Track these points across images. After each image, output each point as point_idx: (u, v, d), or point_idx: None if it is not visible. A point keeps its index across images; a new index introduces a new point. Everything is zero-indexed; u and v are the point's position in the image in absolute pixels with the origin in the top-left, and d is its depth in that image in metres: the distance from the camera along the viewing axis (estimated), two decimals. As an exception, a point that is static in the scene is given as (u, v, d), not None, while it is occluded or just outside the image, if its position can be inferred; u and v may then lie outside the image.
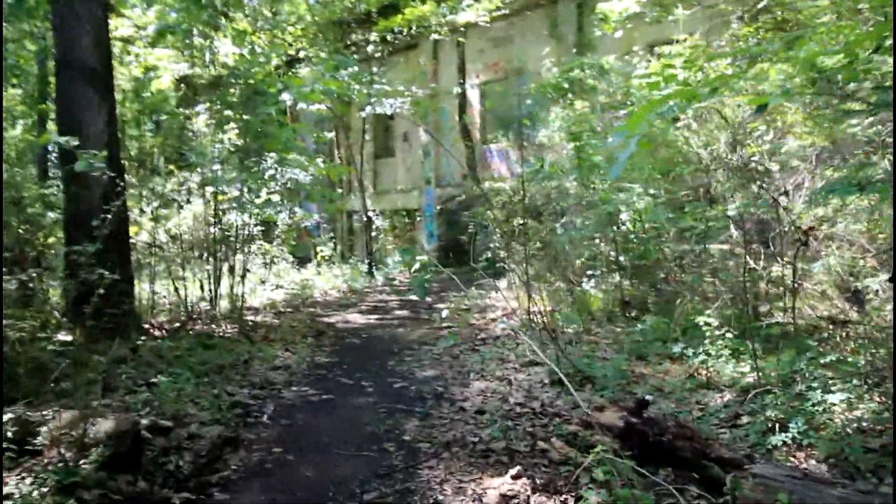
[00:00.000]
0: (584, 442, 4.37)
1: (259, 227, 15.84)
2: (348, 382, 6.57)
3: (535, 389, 5.90)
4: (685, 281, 8.40)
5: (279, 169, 10.19)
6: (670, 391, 5.60)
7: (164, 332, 8.03)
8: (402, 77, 18.19)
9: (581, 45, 16.14)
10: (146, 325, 8.01)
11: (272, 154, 10.02)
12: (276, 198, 11.08)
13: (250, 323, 9.23)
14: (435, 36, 17.46)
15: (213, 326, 8.61)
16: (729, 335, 5.95)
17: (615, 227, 9.15)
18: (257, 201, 10.29)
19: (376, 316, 11.29)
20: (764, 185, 6.62)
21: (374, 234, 19.74)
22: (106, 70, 7.84)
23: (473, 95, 18.56)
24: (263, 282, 10.24)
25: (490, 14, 15.89)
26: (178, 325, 8.43)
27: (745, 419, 4.80)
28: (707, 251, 7.73)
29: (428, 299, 13.61)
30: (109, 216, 5.58)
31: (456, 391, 6.05)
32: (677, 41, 9.03)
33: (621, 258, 9.40)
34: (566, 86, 13.42)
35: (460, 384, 6.31)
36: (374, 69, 17.79)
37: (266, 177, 10.07)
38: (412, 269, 4.52)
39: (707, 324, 5.95)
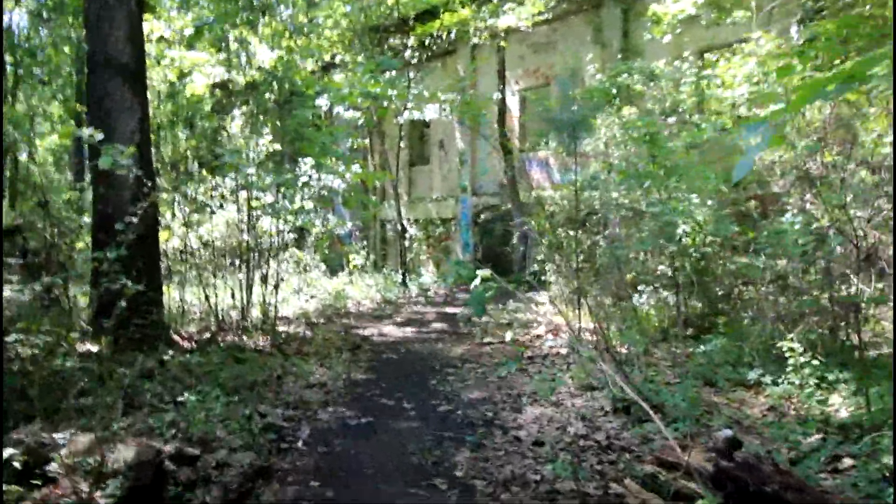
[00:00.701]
0: (666, 486, 3.80)
1: (292, 235, 15.54)
2: (388, 403, 6.06)
3: (596, 418, 5.33)
4: (753, 299, 7.77)
5: (315, 174, 9.79)
6: (750, 425, 4.99)
7: (193, 343, 7.62)
8: (439, 83, 17.78)
9: (626, 51, 15.56)
10: (175, 336, 7.61)
11: (308, 159, 9.64)
12: (309, 204, 10.71)
13: (283, 335, 8.79)
14: (475, 40, 17.01)
15: (245, 338, 8.18)
16: (815, 362, 5.32)
17: (673, 240, 8.53)
18: (291, 207, 9.90)
19: (412, 329, 10.79)
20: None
21: (407, 243, 19.28)
22: (139, 67, 7.50)
23: (513, 102, 18.05)
24: (298, 291, 9.83)
25: (532, 18, 15.37)
26: (208, 335, 8.02)
27: (846, 461, 4.18)
28: (775, 266, 7.08)
29: (466, 311, 13.11)
30: (135, 219, 5.15)
31: (508, 417, 5.50)
32: (743, 41, 8.41)
33: (678, 273, 8.78)
34: (614, 91, 12.88)
35: (511, 409, 5.75)
36: (411, 75, 17.39)
37: (301, 183, 9.67)
38: (472, 285, 4.01)
39: (791, 349, 5.32)
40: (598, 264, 10.54)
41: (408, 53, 16.88)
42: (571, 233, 9.78)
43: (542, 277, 13.62)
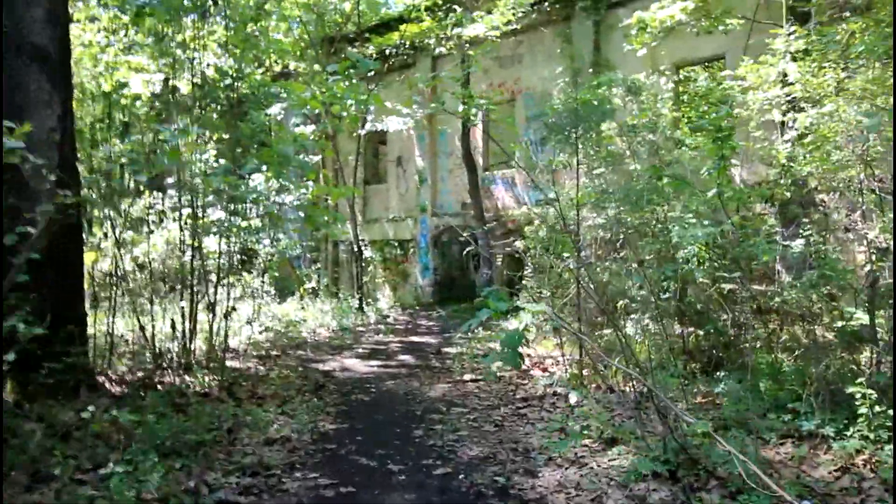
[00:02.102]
0: None
1: (238, 257, 14.18)
2: (370, 465, 4.90)
3: (635, 485, 4.30)
4: (774, 331, 6.94)
5: (268, 188, 8.60)
6: (826, 492, 4.06)
7: (124, 387, 6.31)
8: (397, 97, 16.79)
9: (598, 65, 14.90)
10: (101, 379, 6.28)
11: (259, 175, 8.45)
12: (256, 222, 9.47)
13: (233, 373, 7.52)
14: (439, 50, 16.13)
15: (188, 378, 6.89)
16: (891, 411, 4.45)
17: (676, 263, 7.66)
18: (242, 225, 8.69)
19: (379, 362, 9.62)
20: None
21: (363, 266, 18.09)
22: (62, 55, 6.24)
23: (476, 118, 17.17)
24: (250, 322, 8.59)
25: (500, 28, 14.55)
26: (142, 376, 6.71)
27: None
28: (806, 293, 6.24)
29: (432, 340, 12.02)
30: (35, 232, 3.93)
31: (524, 484, 4.43)
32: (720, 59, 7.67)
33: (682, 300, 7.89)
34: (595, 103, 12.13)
35: (525, 471, 4.68)
36: (371, 87, 16.34)
37: (254, 197, 8.46)
38: (507, 333, 3.01)
39: (864, 395, 4.44)
40: (571, 290, 9.64)
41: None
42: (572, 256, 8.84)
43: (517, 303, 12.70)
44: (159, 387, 6.43)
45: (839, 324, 5.82)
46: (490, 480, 4.50)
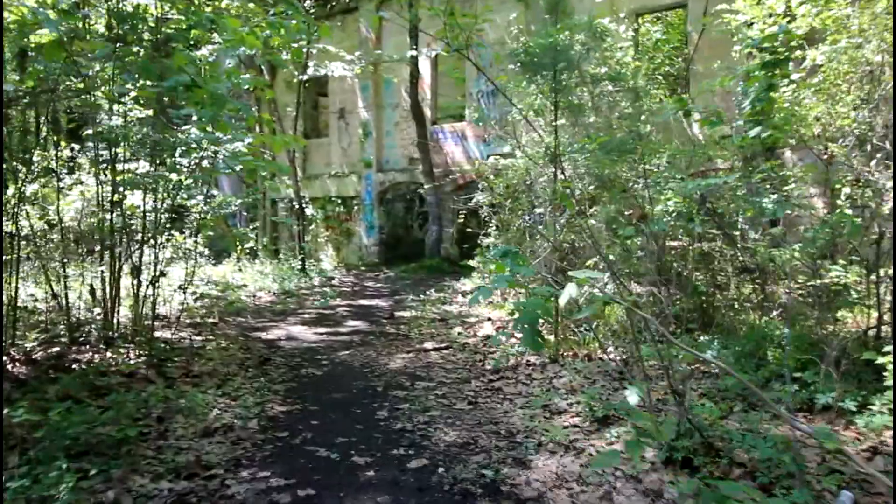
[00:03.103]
0: None
1: (168, 215, 13.02)
2: (330, 458, 4.16)
3: (645, 475, 3.71)
4: (761, 293, 6.48)
5: (202, 136, 7.57)
6: (863, 479, 3.55)
7: (32, 367, 5.35)
8: (338, 45, 15.63)
9: (554, 12, 14.09)
10: (3, 359, 5.30)
11: (190, 120, 7.41)
12: (185, 176, 8.44)
13: (164, 346, 6.60)
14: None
15: (110, 354, 5.96)
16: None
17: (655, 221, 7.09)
18: (171, 179, 7.67)
19: (328, 329, 8.82)
20: None
21: (304, 225, 17.06)
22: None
23: (424, 67, 16.20)
24: (183, 287, 7.60)
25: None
26: (55, 353, 5.74)
27: None
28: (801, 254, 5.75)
29: (382, 304, 11.27)
30: None
31: (516, 479, 3.77)
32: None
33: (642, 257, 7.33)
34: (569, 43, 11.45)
35: (514, 461, 4.02)
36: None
37: (184, 147, 7.42)
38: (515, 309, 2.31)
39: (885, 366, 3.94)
40: (537, 248, 9.02)
41: (307, 4, 14.59)
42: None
43: (469, 262, 12.01)
44: (75, 367, 5.49)
45: (820, 282, 5.38)
46: (475, 475, 3.83)
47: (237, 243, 16.18)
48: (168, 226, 9.50)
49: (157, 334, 7.22)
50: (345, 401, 5.40)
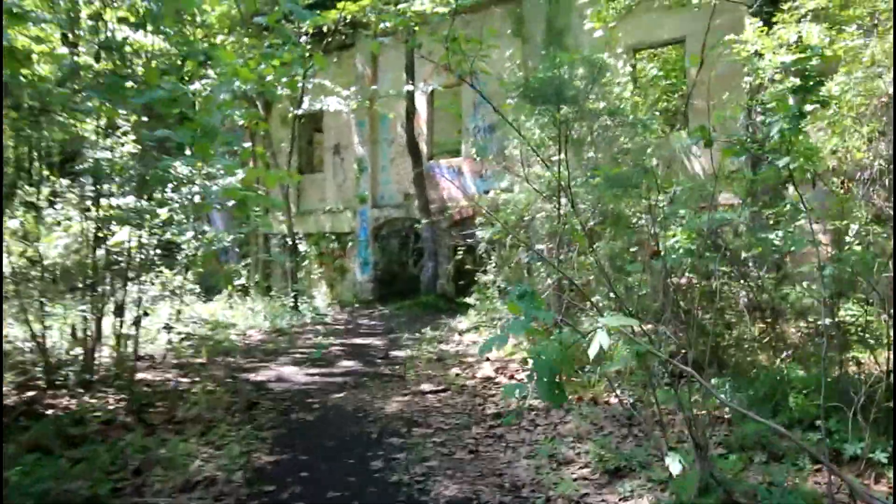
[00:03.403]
0: None
1: (157, 251, 12.75)
2: (322, 515, 3.83)
3: (666, 537, 3.39)
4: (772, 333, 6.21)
5: (191, 171, 7.35)
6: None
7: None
8: (334, 81, 15.55)
9: (552, 46, 14.08)
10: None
11: (184, 154, 7.21)
12: (177, 213, 8.24)
13: (146, 390, 6.26)
14: (383, 25, 14.95)
15: (88, 399, 5.62)
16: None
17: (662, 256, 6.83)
18: (160, 215, 7.44)
19: (320, 370, 8.48)
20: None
21: (297, 261, 16.77)
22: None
23: (420, 103, 16.11)
24: (168, 327, 7.30)
25: (451, 4, 13.53)
26: (28, 398, 5.41)
27: None
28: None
29: (377, 342, 10.94)
30: None
31: (526, 540, 3.45)
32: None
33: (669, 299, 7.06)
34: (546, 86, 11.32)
35: (522, 520, 3.71)
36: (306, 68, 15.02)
37: (173, 181, 7.19)
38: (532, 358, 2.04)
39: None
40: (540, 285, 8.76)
41: (303, 39, 14.52)
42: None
43: (466, 299, 11.72)
44: (50, 412, 5.15)
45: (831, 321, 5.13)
46: (480, 536, 3.50)
47: (228, 280, 15.88)
48: (157, 262, 9.24)
49: (141, 376, 6.90)
50: (337, 449, 5.07)
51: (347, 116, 17.29)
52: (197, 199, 7.63)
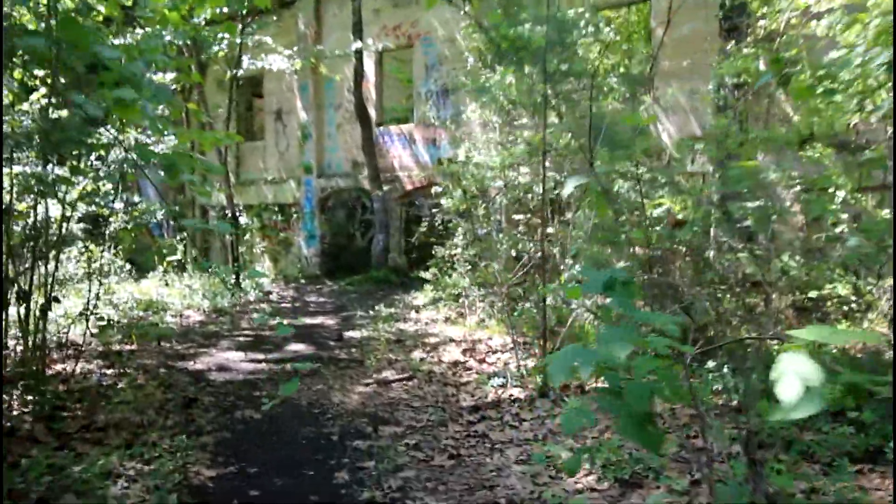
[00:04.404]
0: None
1: (80, 225, 11.54)
2: (278, 551, 3.06)
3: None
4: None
5: (117, 133, 6.31)
6: None
7: None
8: (274, 41, 14.37)
9: (507, 5, 13.26)
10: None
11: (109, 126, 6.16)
12: (103, 183, 7.18)
13: (60, 388, 5.32)
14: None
15: (-14, 403, 4.66)
16: None
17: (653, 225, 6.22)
18: (75, 182, 6.41)
19: (266, 355, 7.63)
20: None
21: (238, 234, 15.67)
22: None
23: (368, 66, 15.09)
24: (86, 313, 6.26)
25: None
26: None
27: None
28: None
29: (329, 322, 10.11)
30: None
31: (540, 582, 2.76)
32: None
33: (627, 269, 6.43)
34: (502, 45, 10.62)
35: (529, 551, 3.02)
36: (240, 27, 13.76)
37: (93, 142, 6.14)
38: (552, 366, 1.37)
39: None
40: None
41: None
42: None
43: (422, 274, 10.98)
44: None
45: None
46: (481, 576, 2.80)
47: (162, 256, 14.71)
48: (79, 238, 8.16)
49: (60, 367, 5.92)
50: (292, 457, 4.29)
51: (290, 79, 16.16)
52: (125, 167, 6.58)
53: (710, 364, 5.33)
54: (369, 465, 4.08)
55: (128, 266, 13.35)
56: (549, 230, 7.38)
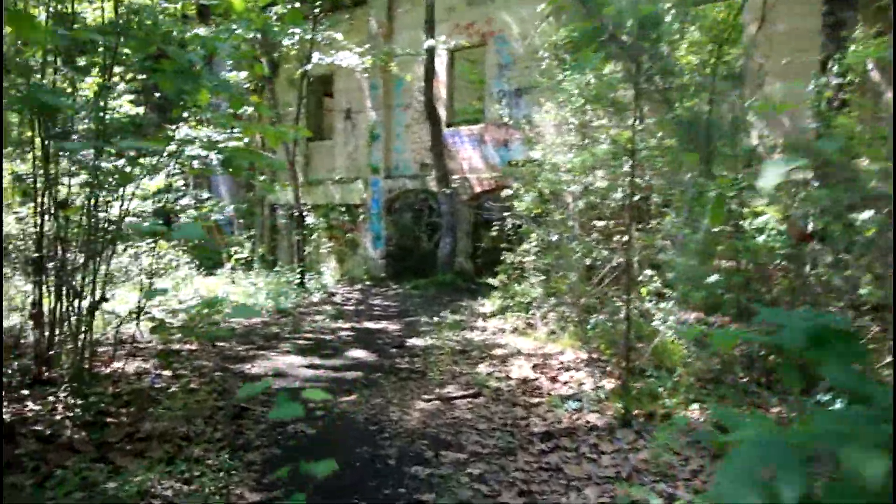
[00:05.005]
0: None
1: (151, 221, 11.56)
2: None
3: None
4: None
5: (187, 130, 6.09)
6: None
7: None
8: (347, 41, 14.18)
9: (585, 1, 12.63)
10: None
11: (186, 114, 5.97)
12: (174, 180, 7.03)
13: (112, 390, 5.08)
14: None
15: (33, 405, 4.45)
16: None
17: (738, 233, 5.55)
18: (149, 183, 6.29)
19: (326, 361, 7.29)
20: None
21: (305, 234, 15.54)
22: None
23: (439, 65, 14.72)
24: (137, 312, 6.02)
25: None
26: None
27: None
28: None
29: (391, 327, 9.74)
30: None
31: None
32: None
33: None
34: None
35: None
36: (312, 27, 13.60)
37: (174, 142, 5.94)
38: None
39: None
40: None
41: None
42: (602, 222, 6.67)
43: (489, 280, 10.48)
44: (-26, 425, 3.97)
45: None
46: None
47: (229, 254, 14.73)
48: (130, 232, 8.04)
49: (117, 366, 5.71)
50: (344, 484, 3.87)
51: (360, 78, 15.96)
52: (196, 164, 6.32)
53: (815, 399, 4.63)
54: (429, 499, 3.61)
55: (195, 263, 13.39)
56: (634, 237, 6.77)
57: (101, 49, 5.77)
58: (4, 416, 4.17)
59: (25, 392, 4.61)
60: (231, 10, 6.80)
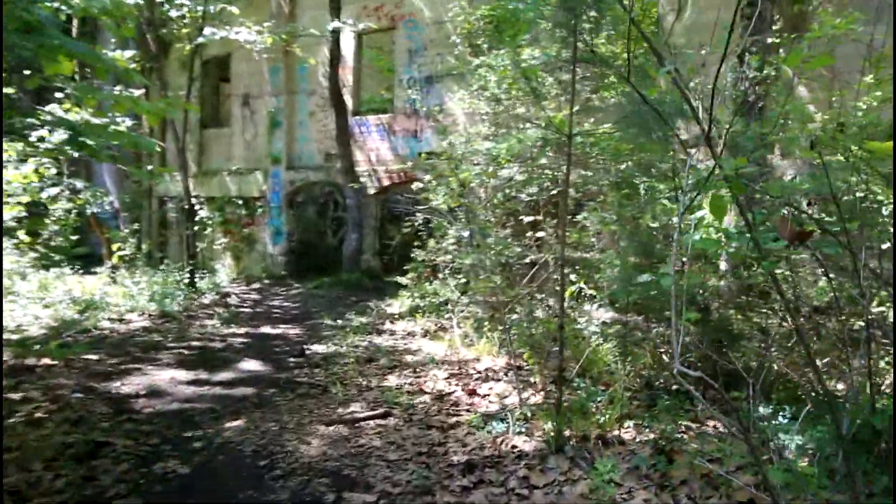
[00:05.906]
0: None
1: (16, 212, 10.22)
2: None
3: None
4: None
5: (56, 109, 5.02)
6: None
7: None
8: (243, 18, 13.06)
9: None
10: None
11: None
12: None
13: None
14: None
15: None
16: None
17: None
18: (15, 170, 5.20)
19: (212, 376, 6.37)
20: None
21: (197, 228, 14.26)
22: None
23: (346, 49, 13.83)
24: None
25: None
26: None
27: None
28: None
29: (291, 332, 8.86)
30: None
31: None
32: None
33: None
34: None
35: None
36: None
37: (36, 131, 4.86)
38: None
39: None
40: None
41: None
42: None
43: (398, 279, 9.75)
44: None
45: None
46: None
47: (111, 250, 13.33)
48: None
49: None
50: (220, 546, 3.06)
51: (259, 61, 14.81)
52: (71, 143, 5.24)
53: (762, 409, 4.21)
54: (327, 564, 2.87)
55: (67, 260, 11.99)
56: (564, 233, 6.24)
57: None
58: None
59: None
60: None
